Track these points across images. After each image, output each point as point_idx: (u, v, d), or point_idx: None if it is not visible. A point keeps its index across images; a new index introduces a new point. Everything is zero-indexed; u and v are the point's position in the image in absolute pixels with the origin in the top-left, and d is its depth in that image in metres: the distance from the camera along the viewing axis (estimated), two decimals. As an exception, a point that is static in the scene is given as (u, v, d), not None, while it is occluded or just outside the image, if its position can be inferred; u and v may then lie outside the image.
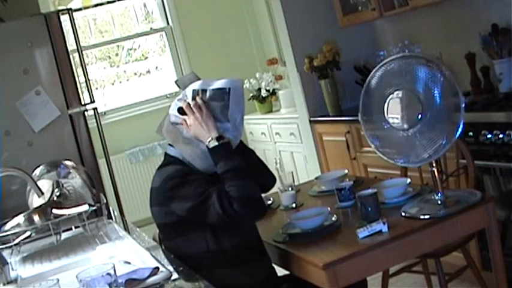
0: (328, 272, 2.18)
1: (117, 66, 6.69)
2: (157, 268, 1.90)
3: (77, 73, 4.61)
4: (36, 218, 2.40)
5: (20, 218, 2.41)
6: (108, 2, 6.47)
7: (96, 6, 6.46)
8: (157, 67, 6.76)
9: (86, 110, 4.37)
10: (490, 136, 3.07)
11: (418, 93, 2.34)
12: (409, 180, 2.73)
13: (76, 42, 4.36)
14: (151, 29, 6.66)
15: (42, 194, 2.46)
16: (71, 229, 2.65)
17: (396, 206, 2.54)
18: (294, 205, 2.92)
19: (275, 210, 2.96)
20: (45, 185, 2.60)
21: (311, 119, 4.70)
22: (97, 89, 6.45)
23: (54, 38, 4.18)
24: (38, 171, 2.76)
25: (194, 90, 2.37)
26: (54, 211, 2.42)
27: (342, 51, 4.50)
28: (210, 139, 2.30)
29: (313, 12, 4.70)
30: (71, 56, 4.31)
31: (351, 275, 2.25)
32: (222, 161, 2.29)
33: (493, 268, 2.55)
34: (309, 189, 3.17)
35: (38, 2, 5.05)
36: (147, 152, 6.26)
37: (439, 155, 2.38)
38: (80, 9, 6.36)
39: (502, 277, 2.52)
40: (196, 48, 6.50)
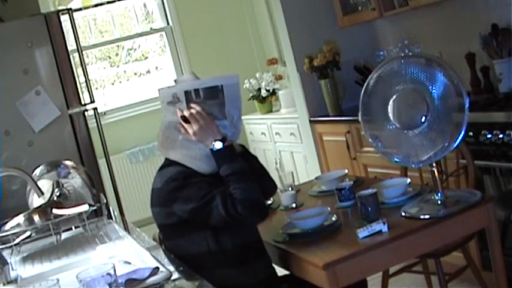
0: (328, 272, 2.18)
1: (117, 66, 6.69)
2: (157, 268, 1.89)
3: (77, 73, 4.61)
4: (36, 218, 2.39)
5: (20, 218, 2.41)
6: (108, 2, 6.46)
7: (96, 6, 6.46)
8: (157, 67, 6.76)
9: (86, 110, 4.37)
10: (490, 136, 3.07)
11: (422, 94, 2.34)
12: (409, 180, 2.73)
13: (76, 42, 4.36)
14: (151, 29, 6.66)
15: (42, 194, 2.46)
16: (71, 229, 2.65)
17: (396, 206, 2.54)
18: (294, 205, 2.92)
19: (275, 210, 2.96)
20: (45, 185, 2.60)
21: (311, 119, 4.70)
22: (97, 89, 6.45)
23: (54, 38, 4.18)
24: (38, 171, 2.75)
25: (187, 92, 2.32)
26: (54, 211, 2.42)
27: (341, 51, 4.49)
28: (214, 142, 2.30)
29: (313, 12, 4.70)
30: (71, 56, 4.32)
31: (351, 275, 2.25)
32: (225, 163, 2.29)
33: (493, 268, 2.55)
34: (309, 189, 3.16)
35: (38, 2, 5.05)
36: (147, 152, 6.25)
37: (440, 157, 2.38)
38: (80, 9, 6.37)
39: (502, 277, 2.52)
40: (196, 48, 6.50)
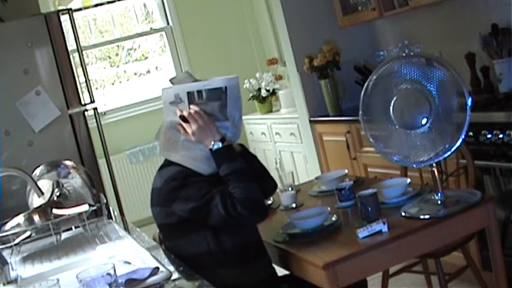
0: (328, 272, 2.18)
1: (117, 66, 6.69)
2: (157, 268, 1.90)
3: (77, 73, 4.61)
4: (36, 218, 2.39)
5: (20, 218, 2.41)
6: (108, 2, 6.46)
7: (96, 6, 6.46)
8: (157, 67, 6.76)
9: (86, 110, 4.37)
10: (490, 136, 3.07)
11: (424, 94, 2.34)
12: (409, 180, 2.73)
13: (76, 42, 4.36)
14: (151, 29, 6.66)
15: (42, 194, 2.46)
16: (71, 229, 2.65)
17: (396, 206, 2.54)
18: (294, 205, 2.92)
19: (275, 210, 2.96)
20: (45, 185, 2.60)
21: (311, 119, 4.70)
22: (97, 89, 6.45)
23: (54, 38, 4.18)
24: (38, 171, 2.75)
25: (189, 93, 2.32)
26: (54, 211, 2.42)
27: (342, 51, 4.49)
28: (213, 142, 2.30)
29: (313, 12, 4.70)
30: (71, 56, 4.31)
31: (351, 275, 2.25)
32: (225, 163, 2.29)
33: (493, 268, 2.55)
34: (309, 189, 3.16)
35: (38, 2, 5.05)
36: (147, 152, 6.25)
37: (441, 158, 2.38)
38: (80, 9, 6.36)
39: (502, 277, 2.52)
40: (196, 48, 6.50)
